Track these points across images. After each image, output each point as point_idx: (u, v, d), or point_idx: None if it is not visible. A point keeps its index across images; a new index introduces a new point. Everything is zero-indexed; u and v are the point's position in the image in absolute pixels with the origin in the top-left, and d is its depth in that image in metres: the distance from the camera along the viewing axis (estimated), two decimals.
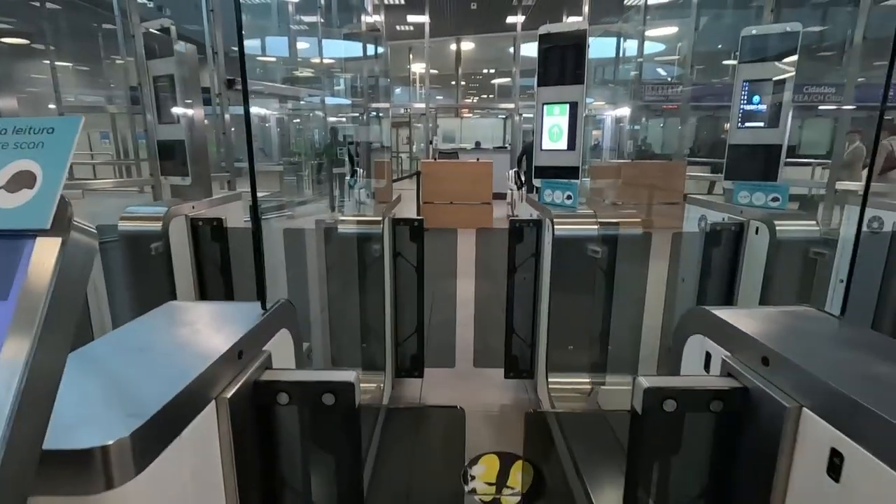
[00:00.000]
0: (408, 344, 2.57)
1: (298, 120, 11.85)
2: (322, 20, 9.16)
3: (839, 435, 0.63)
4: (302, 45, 9.96)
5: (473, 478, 2.01)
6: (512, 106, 11.64)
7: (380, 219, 2.28)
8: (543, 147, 2.42)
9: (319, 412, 0.80)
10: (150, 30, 2.31)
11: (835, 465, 0.63)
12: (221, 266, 2.33)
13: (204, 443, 0.67)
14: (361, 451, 0.83)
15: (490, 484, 1.98)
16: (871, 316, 2.36)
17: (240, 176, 5.83)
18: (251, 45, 10.18)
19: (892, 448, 0.56)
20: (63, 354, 0.45)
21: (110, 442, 0.51)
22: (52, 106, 8.19)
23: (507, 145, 12.17)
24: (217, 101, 6.39)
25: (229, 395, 0.71)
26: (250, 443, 0.77)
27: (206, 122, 3.75)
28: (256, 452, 0.80)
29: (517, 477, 2.02)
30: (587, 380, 2.34)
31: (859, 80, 5.50)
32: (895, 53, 0.86)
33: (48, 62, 8.28)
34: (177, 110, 2.35)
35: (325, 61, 9.35)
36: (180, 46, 2.31)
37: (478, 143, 12.54)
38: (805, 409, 0.69)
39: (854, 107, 5.95)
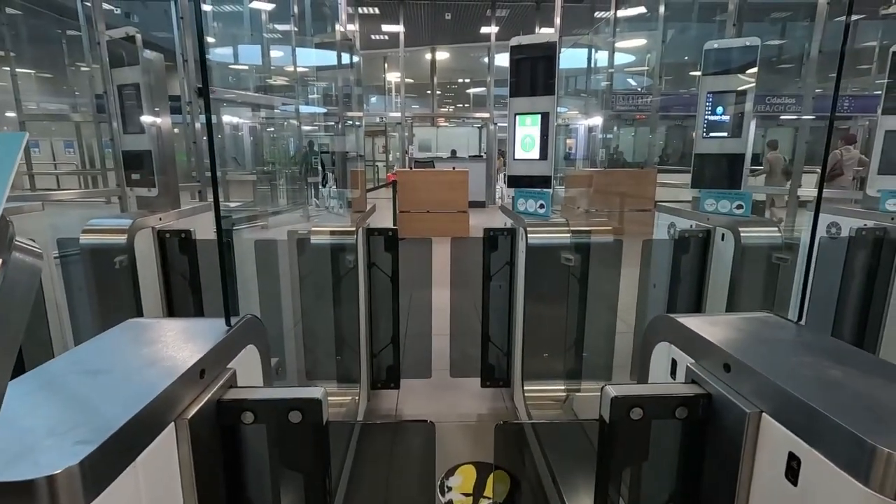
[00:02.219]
0: (383, 355, 2.55)
1: (272, 129, 11.72)
2: (296, 29, 9.11)
3: (796, 440, 0.65)
4: (275, 53, 9.88)
5: (450, 489, 2.00)
6: (487, 115, 11.76)
7: (353, 229, 2.26)
8: (516, 157, 2.45)
9: (286, 431, 0.78)
10: (115, 37, 2.24)
11: (793, 469, 0.65)
12: (190, 280, 2.28)
13: (162, 467, 0.65)
14: (330, 468, 0.82)
15: (467, 495, 1.97)
16: (831, 318, 2.45)
17: (211, 186, 5.69)
18: (223, 53, 10.06)
19: (846, 452, 0.58)
20: (3, 380, 0.43)
21: (58, 471, 0.48)
22: (11, 114, 7.89)
23: (482, 154, 12.27)
24: (187, 110, 6.27)
25: (190, 416, 0.69)
26: (213, 465, 0.75)
27: (175, 131, 3.66)
28: (220, 475, 0.78)
29: (494, 487, 2.02)
30: (562, 387, 2.36)
31: (817, 91, 5.75)
32: (841, 68, 0.90)
33: (7, 69, 7.99)
34: (144, 119, 2.30)
35: (299, 70, 9.28)
36: (147, 54, 2.26)
37: (454, 152, 12.60)
38: (765, 415, 0.71)
39: (813, 117, 6.20)
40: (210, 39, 9.27)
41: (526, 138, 2.40)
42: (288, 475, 0.83)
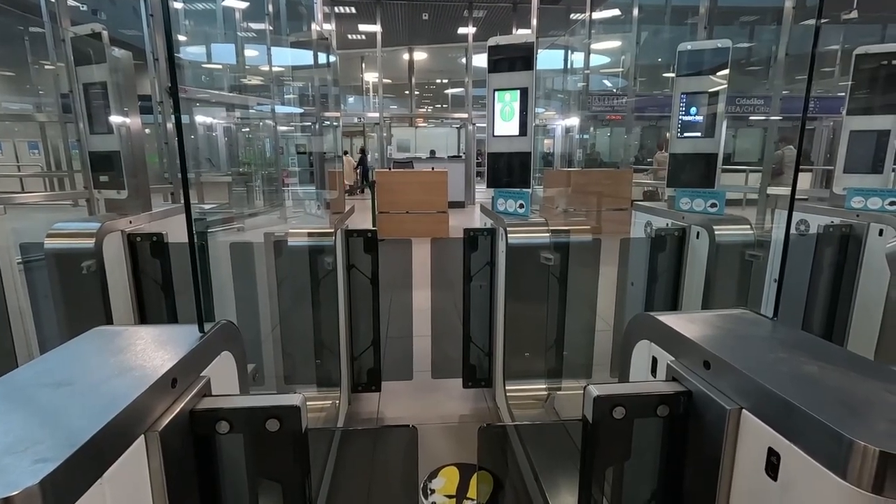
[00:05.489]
0: (364, 358, 2.52)
1: (247, 129, 11.52)
2: (271, 27, 8.97)
3: (775, 435, 0.65)
4: (250, 52, 9.71)
5: (433, 491, 1.99)
6: (466, 115, 11.78)
7: (332, 230, 2.23)
8: (496, 133, 2.44)
9: (264, 440, 0.75)
10: (80, 34, 2.16)
11: (772, 464, 0.66)
12: (163, 285, 2.21)
13: (131, 483, 0.62)
14: (310, 477, 0.79)
15: (450, 496, 1.96)
16: (801, 312, 2.52)
17: (182, 187, 5.56)
18: (195, 51, 9.83)
19: (824, 447, 0.58)
20: None
21: (15, 493, 0.45)
22: None
23: (461, 154, 12.29)
24: (158, 110, 6.11)
25: (161, 427, 0.66)
26: (187, 478, 0.72)
27: (147, 131, 3.54)
28: (194, 487, 0.75)
29: (477, 488, 2.01)
30: (543, 386, 2.37)
31: (784, 92, 5.94)
32: (812, 70, 0.92)
33: None
34: (113, 119, 2.22)
35: (275, 69, 9.14)
36: (115, 52, 2.19)
37: (433, 153, 12.60)
38: (744, 411, 0.72)
39: (781, 117, 6.40)
40: (181, 38, 9.06)
41: (505, 108, 2.40)
42: (266, 485, 0.80)
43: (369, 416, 2.56)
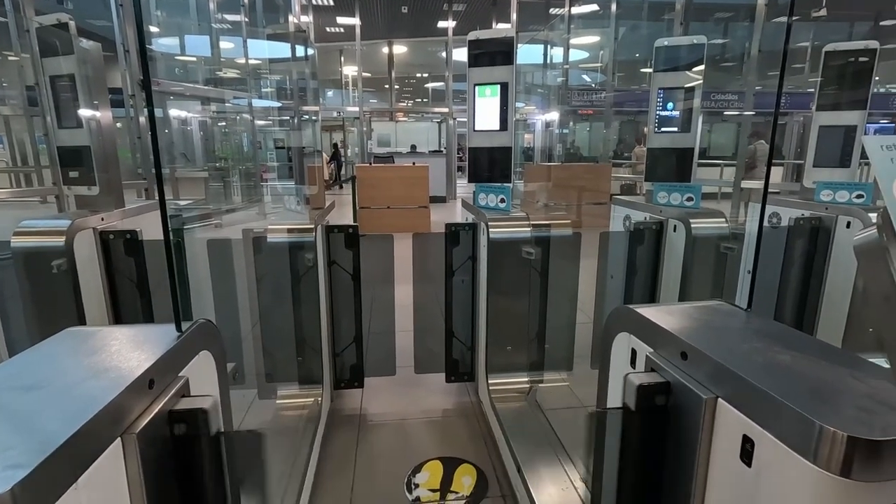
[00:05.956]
0: (346, 354, 2.51)
1: (224, 123, 11.28)
2: (246, 19, 8.78)
3: (750, 423, 0.67)
4: (226, 44, 9.49)
5: (417, 486, 1.99)
6: (446, 110, 11.75)
7: (312, 226, 2.20)
8: (477, 128, 2.45)
9: (184, 442, 0.74)
10: (45, 25, 2.08)
11: (747, 451, 0.68)
12: (138, 283, 2.16)
13: (108, 487, 0.61)
14: (225, 479, 0.78)
15: (434, 490, 1.97)
16: (773, 302, 2.60)
17: (156, 182, 5.41)
18: (169, 43, 9.57)
19: (795, 432, 0.61)
20: None
21: None
22: None
23: (442, 149, 12.26)
24: (130, 104, 5.94)
25: (138, 429, 0.64)
26: (166, 480, 0.71)
27: (118, 125, 3.44)
28: (174, 489, 0.74)
29: (461, 481, 2.02)
30: (526, 379, 2.39)
31: (757, 88, 6.07)
32: (784, 66, 0.95)
33: None
34: (82, 113, 2.15)
35: (251, 62, 8.96)
36: (84, 43, 2.11)
37: (413, 147, 12.53)
38: (720, 400, 0.74)
39: (754, 112, 6.55)
40: (153, 29, 8.80)
41: (486, 107, 2.41)
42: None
43: (352, 412, 2.55)
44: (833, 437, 0.56)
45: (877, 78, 2.54)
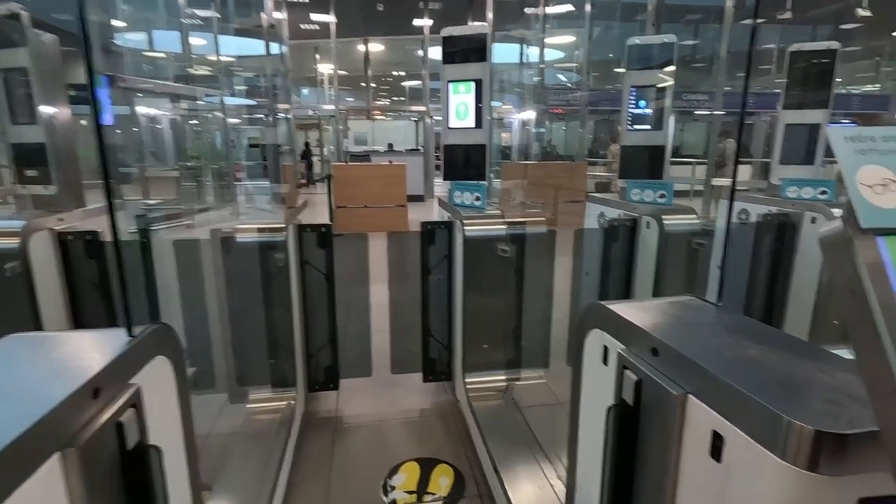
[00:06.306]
0: (321, 356, 2.46)
1: (196, 121, 10.99)
2: (218, 15, 8.57)
3: (720, 419, 0.67)
4: (196, 40, 9.24)
5: (393, 488, 1.96)
6: (423, 108, 11.69)
7: (283, 225, 2.15)
8: (451, 125, 2.42)
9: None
10: None
11: (717, 447, 0.67)
12: (100, 286, 2.07)
13: None
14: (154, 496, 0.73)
15: (411, 492, 1.94)
16: (743, 297, 2.65)
17: (127, 182, 5.26)
18: (136, 38, 9.27)
19: (763, 427, 0.60)
20: None
21: None
22: None
23: (419, 148, 12.20)
24: None
25: (81, 442, 0.60)
26: (113, 495, 0.66)
27: (82, 122, 3.30)
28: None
29: (438, 482, 2.00)
30: (503, 377, 2.39)
31: (726, 88, 6.21)
32: (750, 67, 0.95)
33: None
34: (39, 109, 2.05)
35: (223, 59, 8.75)
36: (42, 36, 2.02)
37: (390, 146, 12.44)
38: (690, 396, 0.73)
39: (723, 112, 6.71)
40: (120, 23, 8.51)
41: (460, 106, 2.39)
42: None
43: (328, 415, 2.50)
44: (801, 432, 0.56)
45: (839, 79, 2.62)
